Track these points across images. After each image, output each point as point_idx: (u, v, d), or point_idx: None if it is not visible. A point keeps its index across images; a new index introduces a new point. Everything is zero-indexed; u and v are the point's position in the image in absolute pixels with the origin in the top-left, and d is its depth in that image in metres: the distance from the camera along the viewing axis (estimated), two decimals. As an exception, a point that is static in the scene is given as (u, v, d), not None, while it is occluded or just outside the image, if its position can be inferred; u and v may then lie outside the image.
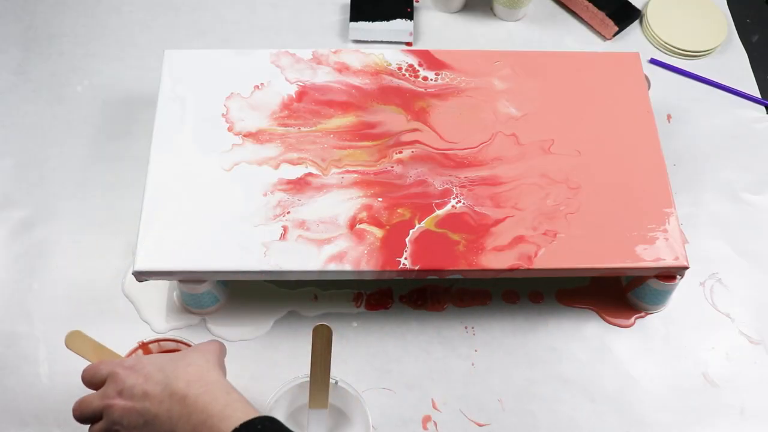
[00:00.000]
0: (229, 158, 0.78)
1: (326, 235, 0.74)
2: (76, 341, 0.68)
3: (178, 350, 0.74)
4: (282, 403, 0.72)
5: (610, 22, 1.02)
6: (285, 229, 0.74)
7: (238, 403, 0.58)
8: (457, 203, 0.77)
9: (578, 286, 0.84)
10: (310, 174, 0.78)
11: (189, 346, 0.72)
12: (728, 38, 1.04)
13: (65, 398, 0.75)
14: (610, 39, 1.03)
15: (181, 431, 0.58)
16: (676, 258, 0.75)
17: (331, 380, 0.69)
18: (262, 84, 0.83)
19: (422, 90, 0.84)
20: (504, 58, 0.87)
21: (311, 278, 0.76)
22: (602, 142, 0.81)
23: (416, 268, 0.73)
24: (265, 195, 0.76)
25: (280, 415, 0.72)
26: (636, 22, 1.05)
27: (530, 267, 0.73)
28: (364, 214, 0.75)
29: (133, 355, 0.69)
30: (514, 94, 0.84)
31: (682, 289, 0.82)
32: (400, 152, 0.80)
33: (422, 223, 0.75)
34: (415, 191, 0.77)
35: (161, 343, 0.73)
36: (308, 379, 0.69)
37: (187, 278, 0.74)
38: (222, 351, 0.66)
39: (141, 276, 0.73)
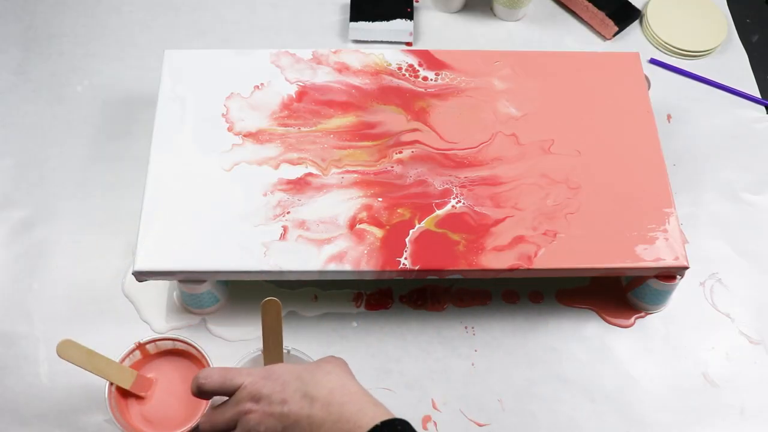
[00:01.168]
0: (229, 158, 0.78)
1: (326, 235, 0.74)
2: (68, 350, 0.67)
3: (176, 350, 0.74)
4: None
5: (610, 22, 1.02)
6: (285, 229, 0.74)
7: (387, 417, 0.58)
8: (457, 203, 0.77)
9: (578, 286, 0.84)
10: (310, 174, 0.77)
11: (186, 343, 0.72)
12: (728, 38, 1.04)
13: (65, 398, 0.75)
14: (610, 39, 1.03)
15: None
16: (676, 258, 0.75)
17: (284, 350, 0.69)
18: (262, 84, 0.83)
19: (422, 90, 0.84)
20: (504, 58, 0.87)
21: (311, 278, 0.76)
22: (602, 142, 0.81)
23: (416, 268, 0.73)
24: (265, 195, 0.76)
25: None
26: (636, 22, 1.05)
27: (530, 267, 0.73)
28: (364, 214, 0.75)
29: (266, 366, 0.67)
30: (514, 94, 0.84)
31: (682, 289, 0.82)
32: (400, 152, 0.80)
33: (422, 223, 0.75)
34: (415, 191, 0.77)
35: (158, 343, 0.73)
36: (261, 353, 0.69)
37: (187, 278, 0.74)
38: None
39: (141, 276, 0.73)
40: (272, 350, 0.68)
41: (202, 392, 0.61)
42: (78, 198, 0.87)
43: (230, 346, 0.79)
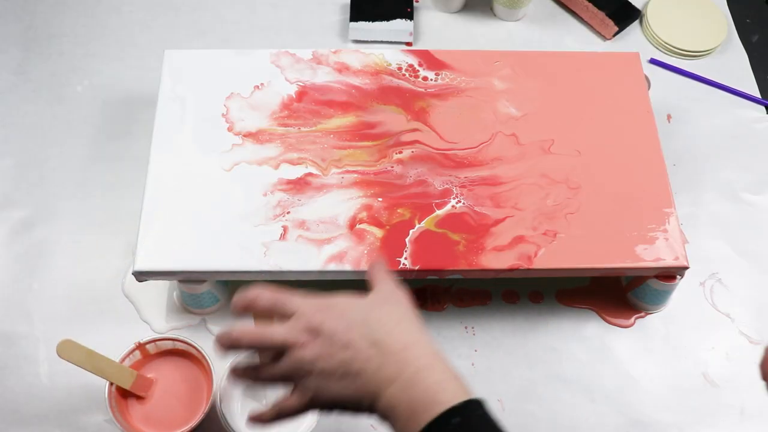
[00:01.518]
0: (229, 158, 0.78)
1: (326, 235, 0.74)
2: (68, 350, 0.67)
3: (176, 350, 0.74)
4: None
5: (610, 22, 1.02)
6: (285, 229, 0.74)
7: (465, 397, 0.50)
8: (457, 203, 0.77)
9: (578, 286, 0.84)
10: (310, 174, 0.77)
11: (186, 343, 0.72)
12: (728, 38, 1.04)
13: (65, 398, 0.75)
14: (610, 39, 1.03)
15: (389, 397, 0.50)
16: (676, 258, 0.75)
17: None
18: (262, 84, 0.83)
19: (422, 90, 0.84)
20: (504, 58, 0.87)
21: (311, 278, 0.76)
22: (602, 142, 0.81)
23: (416, 268, 0.73)
24: (265, 195, 0.76)
25: (238, 386, 0.74)
26: (636, 22, 1.05)
27: (530, 267, 0.73)
28: (364, 214, 0.75)
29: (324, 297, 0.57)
30: (514, 94, 0.84)
31: (682, 289, 0.82)
32: (400, 152, 0.80)
33: (422, 223, 0.75)
34: (415, 191, 0.77)
35: (158, 343, 0.73)
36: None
37: (187, 278, 0.74)
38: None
39: (141, 276, 0.73)
40: None
41: (251, 308, 0.54)
42: (78, 198, 0.87)
43: (230, 346, 0.79)
